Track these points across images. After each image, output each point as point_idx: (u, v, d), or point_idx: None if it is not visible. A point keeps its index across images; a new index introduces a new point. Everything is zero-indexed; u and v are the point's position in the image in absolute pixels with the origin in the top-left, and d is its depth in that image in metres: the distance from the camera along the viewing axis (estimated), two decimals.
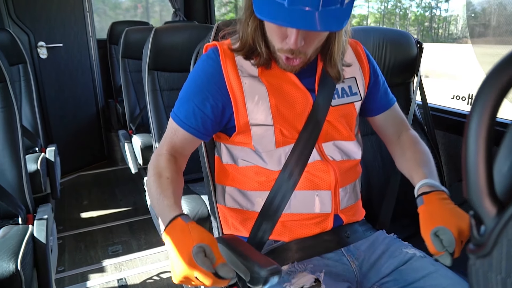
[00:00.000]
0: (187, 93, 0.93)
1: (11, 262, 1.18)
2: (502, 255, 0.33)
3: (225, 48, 0.93)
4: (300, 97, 0.92)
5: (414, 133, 1.09)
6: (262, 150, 0.92)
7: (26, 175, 1.59)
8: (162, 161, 0.90)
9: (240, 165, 0.96)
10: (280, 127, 0.91)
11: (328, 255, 0.94)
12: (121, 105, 3.30)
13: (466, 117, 0.38)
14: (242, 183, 0.96)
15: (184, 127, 0.91)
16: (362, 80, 1.01)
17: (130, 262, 2.09)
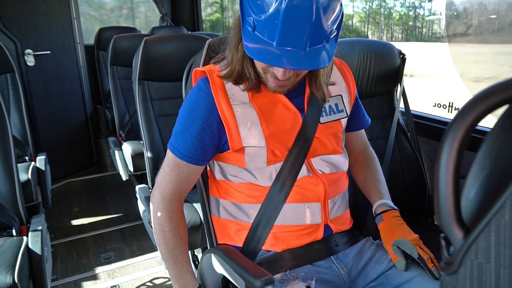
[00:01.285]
0: (183, 127, 0.97)
1: (8, 275, 1.20)
2: (466, 274, 0.38)
3: (215, 78, 0.96)
4: (291, 118, 0.97)
5: (371, 151, 1.21)
6: (254, 168, 0.97)
7: (19, 187, 1.60)
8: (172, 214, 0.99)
9: (233, 181, 1.01)
10: (272, 148, 0.96)
11: (318, 263, 0.99)
12: (110, 111, 3.31)
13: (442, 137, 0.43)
14: (236, 197, 1.01)
15: (186, 159, 0.96)
16: (348, 97, 1.07)
17: (123, 268, 2.11)
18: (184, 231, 1.01)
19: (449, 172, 0.42)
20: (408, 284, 0.94)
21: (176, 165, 0.98)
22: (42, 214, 1.66)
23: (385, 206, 1.08)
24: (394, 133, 1.54)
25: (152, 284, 1.98)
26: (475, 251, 0.37)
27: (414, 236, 0.99)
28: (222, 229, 1.07)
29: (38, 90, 2.99)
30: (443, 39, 7.03)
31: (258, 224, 0.97)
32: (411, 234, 0.99)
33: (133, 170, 2.45)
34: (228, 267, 0.86)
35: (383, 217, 1.05)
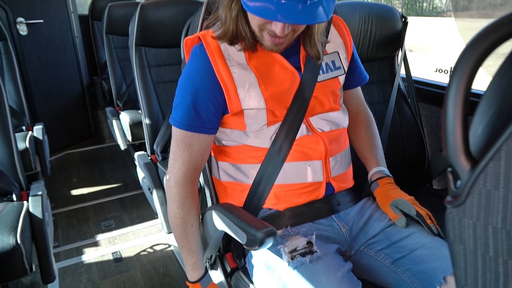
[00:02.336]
0: (182, 96, 0.95)
1: (11, 236, 1.21)
2: (474, 203, 0.38)
3: (210, 40, 0.94)
4: (289, 77, 0.96)
5: (369, 112, 1.20)
6: (254, 130, 0.96)
7: (17, 153, 1.60)
8: (185, 199, 0.98)
9: (232, 145, 1.00)
10: (272, 109, 0.94)
11: (319, 221, 1.00)
12: (106, 82, 3.27)
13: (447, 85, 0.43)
14: (235, 158, 1.00)
15: (191, 129, 0.94)
16: (344, 54, 1.05)
17: (123, 236, 2.14)
18: (195, 217, 1.00)
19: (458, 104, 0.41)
20: (407, 239, 0.95)
21: (185, 143, 0.95)
22: (41, 181, 1.66)
23: (381, 173, 1.09)
24: (394, 98, 1.53)
25: (153, 250, 2.01)
26: (483, 179, 0.37)
27: (410, 197, 1.01)
28: (223, 191, 1.07)
29: (32, 60, 2.94)
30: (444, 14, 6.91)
31: (258, 183, 0.97)
32: (406, 196, 1.01)
33: (131, 140, 2.44)
34: (230, 221, 0.86)
35: (379, 183, 1.06)
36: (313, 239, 0.92)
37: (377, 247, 0.98)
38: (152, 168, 1.77)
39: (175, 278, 1.80)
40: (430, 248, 0.91)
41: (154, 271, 1.85)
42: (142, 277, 1.81)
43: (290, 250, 0.90)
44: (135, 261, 1.93)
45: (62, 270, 1.88)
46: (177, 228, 1.00)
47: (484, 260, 0.39)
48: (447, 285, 0.84)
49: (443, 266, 0.86)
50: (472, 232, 0.39)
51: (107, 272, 1.86)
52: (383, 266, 0.96)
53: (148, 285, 1.76)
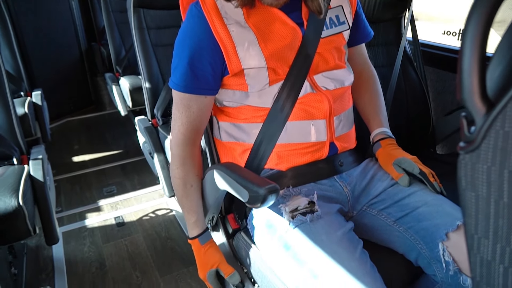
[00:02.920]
0: (179, 58, 0.92)
1: (13, 198, 1.21)
2: (489, 147, 0.36)
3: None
4: (290, 34, 0.92)
5: (373, 70, 1.17)
6: (256, 90, 0.93)
7: (16, 117, 1.58)
8: (184, 160, 0.98)
9: (234, 106, 0.97)
10: (273, 67, 0.91)
11: (322, 181, 0.98)
12: (105, 48, 3.20)
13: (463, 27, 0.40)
14: (237, 118, 0.98)
15: (189, 91, 0.92)
16: (349, 7, 1.01)
17: (125, 201, 2.15)
18: (195, 178, 0.99)
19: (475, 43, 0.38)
20: (410, 198, 0.94)
21: (183, 105, 0.94)
22: (42, 145, 1.65)
23: (383, 134, 1.07)
24: (400, 61, 1.48)
25: (155, 215, 2.02)
26: (501, 121, 0.35)
27: (412, 156, 0.99)
28: (225, 151, 1.06)
29: (27, 25, 2.87)
30: None
31: (260, 142, 0.95)
32: (409, 155, 1.00)
33: (131, 105, 2.42)
34: (231, 180, 0.85)
35: (381, 143, 1.04)
36: (315, 198, 0.91)
37: (380, 207, 0.97)
38: (152, 132, 1.75)
39: (177, 242, 1.82)
40: (432, 206, 0.91)
41: (156, 235, 1.87)
42: (144, 241, 1.83)
43: (291, 210, 0.89)
44: (137, 225, 1.95)
45: (66, 234, 1.90)
46: (178, 188, 1.01)
47: (497, 206, 0.37)
48: (449, 241, 0.84)
49: (446, 223, 0.86)
50: (486, 177, 0.37)
51: (110, 236, 1.88)
52: (385, 225, 0.96)
53: (151, 249, 1.78)
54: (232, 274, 0.98)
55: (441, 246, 0.84)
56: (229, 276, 0.98)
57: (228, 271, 0.99)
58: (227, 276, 0.98)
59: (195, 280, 1.58)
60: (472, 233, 0.41)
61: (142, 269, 1.66)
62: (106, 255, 1.75)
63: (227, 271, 0.99)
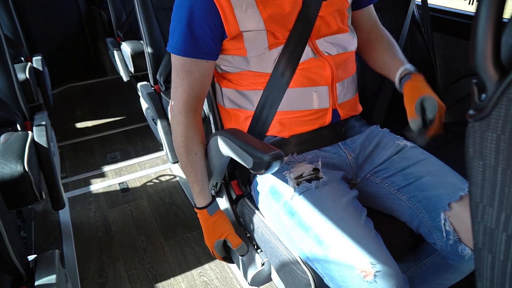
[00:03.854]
0: (177, 21, 0.89)
1: (19, 164, 1.22)
2: (500, 115, 0.36)
3: None
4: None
5: (383, 29, 1.11)
6: (255, 54, 0.91)
7: (17, 83, 1.57)
8: (188, 128, 0.96)
9: (234, 71, 0.96)
10: (272, 31, 0.89)
11: (325, 148, 0.98)
12: (105, 12, 3.12)
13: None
14: (239, 84, 0.97)
15: (189, 54, 0.90)
16: None
17: (129, 167, 2.17)
18: (199, 146, 0.99)
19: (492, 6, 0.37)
20: (414, 167, 0.94)
21: (184, 71, 0.92)
22: (44, 111, 1.65)
23: (411, 70, 0.98)
24: (407, 26, 1.44)
25: (159, 180, 2.05)
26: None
27: (438, 99, 0.90)
28: (228, 118, 1.05)
29: None
30: None
31: (262, 108, 0.94)
32: (436, 96, 0.90)
33: (133, 71, 2.39)
34: (235, 146, 0.85)
35: (412, 76, 0.95)
36: (319, 165, 0.91)
37: (383, 175, 0.98)
38: (155, 98, 1.74)
39: (181, 207, 1.85)
40: (436, 176, 0.91)
41: (160, 200, 1.90)
42: (149, 206, 1.86)
43: (296, 176, 0.90)
44: (142, 191, 1.97)
45: (71, 199, 1.93)
46: (182, 157, 1.00)
47: (505, 175, 0.37)
48: (451, 210, 0.85)
49: (449, 193, 0.86)
50: (495, 146, 0.37)
51: (114, 201, 1.91)
52: (388, 193, 0.97)
53: (155, 214, 1.81)
54: (240, 245, 1.00)
55: (442, 216, 0.85)
56: (237, 247, 1.01)
57: (236, 242, 1.02)
58: (234, 247, 1.01)
59: (199, 245, 1.62)
60: (477, 202, 0.41)
61: (147, 234, 1.70)
62: (111, 220, 1.78)
63: (235, 243, 1.02)
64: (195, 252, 1.59)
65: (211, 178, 1.08)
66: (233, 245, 1.02)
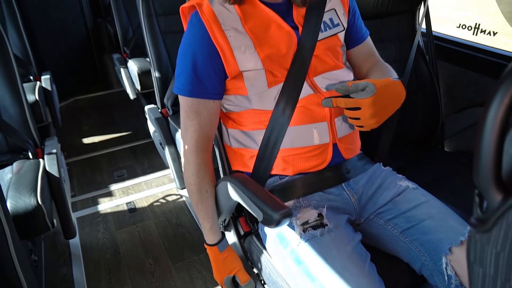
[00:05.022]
0: (183, 64, 0.96)
1: (32, 197, 1.26)
2: (500, 235, 0.38)
3: (205, 8, 0.94)
4: (284, 37, 0.95)
5: (379, 58, 1.14)
6: (255, 92, 0.96)
7: (28, 109, 1.60)
8: (199, 167, 1.00)
9: (237, 110, 1.00)
10: (270, 70, 0.94)
11: (329, 190, 1.01)
12: (111, 25, 3.15)
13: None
14: (242, 124, 1.01)
15: (195, 95, 0.95)
16: (342, 10, 1.04)
17: (136, 186, 2.21)
18: (210, 184, 1.02)
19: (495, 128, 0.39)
20: (416, 210, 0.97)
21: (193, 112, 0.97)
22: (54, 137, 1.68)
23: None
24: (413, 55, 1.46)
25: (165, 200, 2.08)
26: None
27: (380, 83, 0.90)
28: (235, 157, 1.09)
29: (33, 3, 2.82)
30: None
31: (265, 147, 0.98)
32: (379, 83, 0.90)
33: (140, 89, 2.42)
34: (245, 196, 0.88)
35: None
36: (324, 211, 0.94)
37: (386, 217, 1.00)
38: (163, 123, 1.77)
39: (188, 229, 1.88)
40: (437, 219, 0.94)
41: (168, 222, 1.93)
42: (156, 228, 1.89)
43: (302, 223, 0.93)
44: (149, 211, 2.01)
45: (80, 219, 1.97)
46: (193, 194, 1.04)
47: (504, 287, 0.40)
48: (452, 255, 0.87)
49: (450, 237, 0.89)
50: (495, 260, 0.39)
51: (122, 222, 1.94)
52: (392, 235, 0.99)
53: (163, 236, 1.85)
54: (248, 282, 1.04)
55: (444, 260, 0.88)
56: (246, 284, 1.04)
57: (245, 279, 1.05)
58: (243, 283, 1.04)
59: (206, 268, 1.65)
60: None
61: (154, 257, 1.73)
62: (119, 242, 1.82)
63: (243, 279, 1.05)
64: (202, 275, 1.62)
65: (220, 216, 1.11)
66: (241, 281, 1.06)
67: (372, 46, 1.15)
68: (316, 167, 1.00)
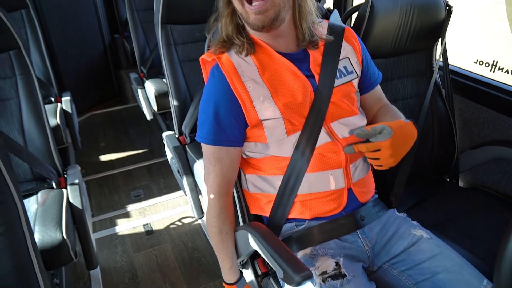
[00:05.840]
0: (205, 114, 1.01)
1: (58, 232, 1.30)
2: None
3: (224, 61, 0.99)
4: (300, 86, 0.99)
5: (387, 102, 1.22)
6: (275, 140, 1.00)
7: (52, 138, 1.65)
8: (220, 210, 1.05)
9: (257, 157, 1.04)
10: (289, 118, 0.98)
11: (345, 237, 1.04)
12: (128, 41, 3.22)
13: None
14: (261, 170, 1.05)
15: (218, 143, 1.00)
16: (355, 58, 1.09)
17: (152, 207, 2.25)
18: (230, 226, 1.07)
19: None
20: (430, 262, 0.99)
21: (215, 158, 1.01)
22: (76, 165, 1.73)
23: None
24: (431, 92, 1.48)
25: (181, 223, 2.12)
26: None
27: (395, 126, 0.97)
28: (253, 202, 1.12)
29: (53, 23, 2.89)
30: None
31: (283, 193, 1.02)
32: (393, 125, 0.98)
33: (157, 109, 2.47)
34: (266, 251, 0.91)
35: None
36: (341, 261, 0.97)
37: (400, 268, 1.03)
38: (181, 153, 1.81)
39: (203, 253, 1.92)
40: (452, 273, 0.95)
41: (184, 245, 1.97)
42: (172, 251, 1.94)
43: (320, 273, 0.96)
44: (165, 234, 2.05)
45: (98, 241, 2.02)
46: (214, 236, 1.08)
47: None
48: None
49: None
50: None
51: (140, 245, 1.99)
52: (406, 286, 1.02)
53: (179, 260, 1.89)
54: None
55: None
56: None
57: None
58: None
59: None
60: None
61: (171, 282, 1.77)
62: (137, 265, 1.86)
63: None
64: None
65: (239, 257, 1.15)
66: None
67: (380, 89, 1.21)
68: (333, 211, 1.04)
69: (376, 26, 1.36)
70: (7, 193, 0.86)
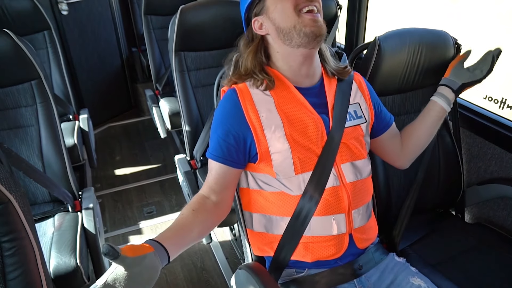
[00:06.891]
0: (213, 131, 1.05)
1: (72, 258, 1.37)
2: None
3: (241, 87, 1.04)
4: (312, 124, 1.02)
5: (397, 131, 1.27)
6: (283, 177, 1.02)
7: (69, 165, 1.72)
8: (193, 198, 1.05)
9: (266, 189, 1.06)
10: (298, 153, 1.00)
11: (342, 286, 1.07)
12: (144, 55, 3.29)
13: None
14: (267, 208, 1.07)
15: (215, 159, 1.04)
16: (365, 104, 1.13)
17: (164, 224, 2.31)
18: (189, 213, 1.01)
19: None
20: None
21: (212, 168, 1.05)
22: (91, 188, 1.80)
23: None
24: None
25: None
26: None
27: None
28: (257, 241, 1.16)
29: (73, 40, 2.99)
30: None
31: (287, 235, 1.05)
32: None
33: (170, 128, 2.53)
34: None
35: None
36: None
37: None
38: (192, 178, 1.86)
39: (211, 274, 1.97)
40: None
41: (193, 265, 2.03)
42: (181, 271, 1.99)
43: None
44: None
45: None
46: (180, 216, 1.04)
47: None
48: None
49: None
50: None
51: None
52: None
53: (187, 279, 1.94)
54: None
55: None
56: None
57: None
58: None
59: None
60: None
61: None
62: None
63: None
64: None
65: None
66: None
67: (395, 129, 1.25)
68: (333, 255, 1.06)
69: (383, 65, 1.38)
70: (23, 235, 0.91)
